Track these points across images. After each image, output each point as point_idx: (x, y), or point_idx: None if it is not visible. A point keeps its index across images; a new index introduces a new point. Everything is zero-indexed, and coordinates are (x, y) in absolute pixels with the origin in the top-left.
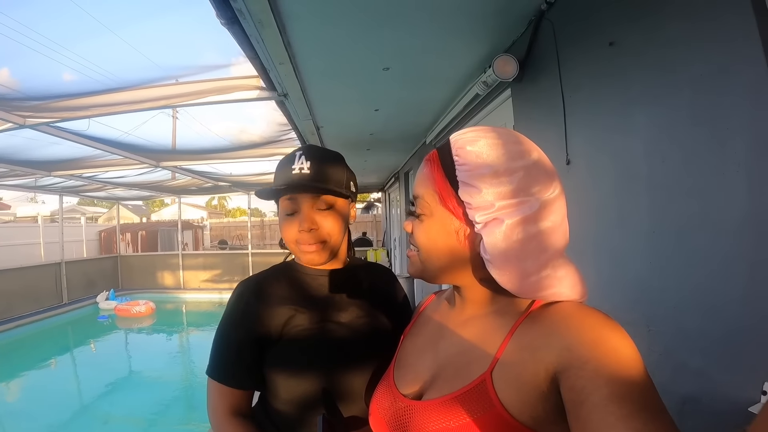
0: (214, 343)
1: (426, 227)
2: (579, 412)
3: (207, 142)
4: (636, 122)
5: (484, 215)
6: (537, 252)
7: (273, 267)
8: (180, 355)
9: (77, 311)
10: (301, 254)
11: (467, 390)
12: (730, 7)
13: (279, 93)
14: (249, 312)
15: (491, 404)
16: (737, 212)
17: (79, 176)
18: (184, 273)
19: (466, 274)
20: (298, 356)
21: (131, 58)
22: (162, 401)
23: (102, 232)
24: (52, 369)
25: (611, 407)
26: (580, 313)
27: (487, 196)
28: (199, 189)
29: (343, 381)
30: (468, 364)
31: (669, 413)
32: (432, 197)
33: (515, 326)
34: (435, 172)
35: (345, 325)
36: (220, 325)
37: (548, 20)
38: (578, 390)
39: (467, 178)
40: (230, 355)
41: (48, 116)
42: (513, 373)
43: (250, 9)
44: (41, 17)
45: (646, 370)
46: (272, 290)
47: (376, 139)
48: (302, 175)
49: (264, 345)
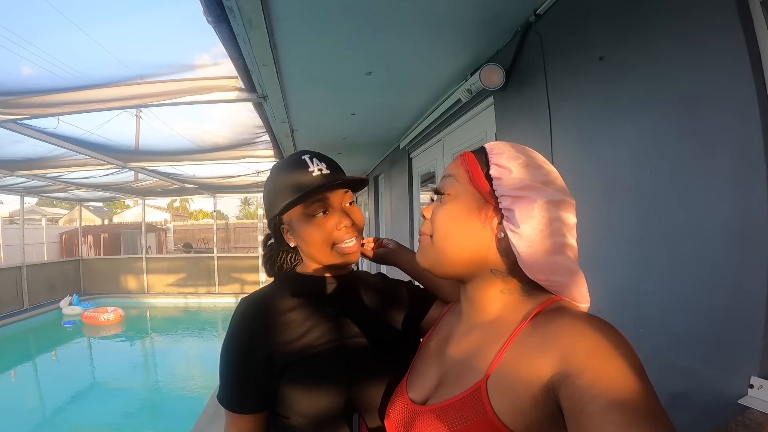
0: (222, 368)
1: (450, 207)
2: (578, 421)
3: (171, 143)
4: (624, 134)
5: (514, 191)
6: (559, 236)
7: (276, 280)
8: (146, 362)
9: (39, 317)
10: (337, 255)
11: (463, 397)
12: (720, 26)
13: (259, 95)
14: (256, 332)
15: (484, 411)
16: (724, 221)
17: (42, 176)
18: (148, 277)
19: (479, 263)
20: (319, 370)
21: (102, 56)
22: (129, 410)
23: (63, 235)
24: (15, 378)
25: (610, 416)
26: (579, 321)
27: (517, 176)
28: (164, 191)
29: (365, 390)
30: (467, 371)
31: (670, 420)
32: (462, 176)
33: (514, 334)
34: (467, 158)
35: (364, 332)
36: (225, 348)
37: (536, 32)
38: (577, 398)
39: (499, 159)
40: (240, 381)
41: (15, 112)
42: (508, 381)
43: (242, 7)
44: (5, 10)
45: (646, 377)
46: (281, 305)
47: (349, 143)
48: (324, 174)
49: (279, 364)
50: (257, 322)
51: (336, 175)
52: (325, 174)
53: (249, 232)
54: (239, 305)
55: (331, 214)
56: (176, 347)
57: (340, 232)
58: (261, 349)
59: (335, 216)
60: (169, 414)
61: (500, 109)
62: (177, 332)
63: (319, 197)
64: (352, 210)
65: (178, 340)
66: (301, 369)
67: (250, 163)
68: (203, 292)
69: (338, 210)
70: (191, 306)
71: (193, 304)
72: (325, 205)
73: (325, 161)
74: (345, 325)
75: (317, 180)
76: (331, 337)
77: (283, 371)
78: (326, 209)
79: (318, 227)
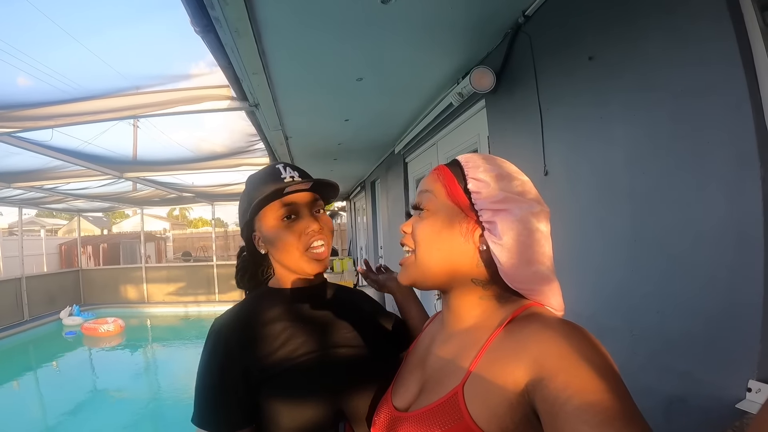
0: (197, 389)
1: (431, 222)
2: (554, 424)
3: (169, 152)
4: (616, 135)
5: (493, 204)
6: (539, 246)
7: (246, 297)
8: (146, 371)
9: (39, 328)
10: (307, 261)
11: (441, 403)
12: (710, 26)
13: (250, 103)
14: (231, 348)
15: (461, 416)
16: (717, 221)
17: (39, 188)
18: (147, 286)
19: (461, 274)
20: (301, 381)
21: (96, 67)
22: (129, 419)
23: (62, 245)
24: (16, 389)
25: (584, 416)
26: (551, 326)
27: (495, 188)
28: (162, 200)
29: (349, 400)
30: (446, 377)
31: (644, 420)
32: (440, 191)
33: (489, 340)
34: (443, 173)
35: (344, 342)
36: (201, 370)
37: (525, 33)
38: (551, 401)
39: (476, 173)
40: (217, 400)
41: (10, 126)
42: (483, 386)
43: (227, 17)
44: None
45: (620, 378)
46: (254, 320)
47: (345, 149)
48: (296, 181)
49: (258, 379)
50: (232, 339)
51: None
52: (297, 181)
53: None
54: (212, 326)
55: (300, 219)
56: (177, 356)
57: (308, 236)
58: (238, 365)
59: (304, 220)
60: (170, 423)
61: (492, 111)
62: (177, 341)
63: (288, 201)
64: (321, 216)
65: (178, 349)
66: (279, 382)
67: (247, 170)
68: (203, 300)
69: (307, 215)
70: (191, 314)
71: (193, 312)
72: (294, 209)
73: (298, 171)
74: (320, 335)
75: (287, 184)
76: (307, 349)
77: (262, 386)
78: (295, 213)
79: (287, 231)
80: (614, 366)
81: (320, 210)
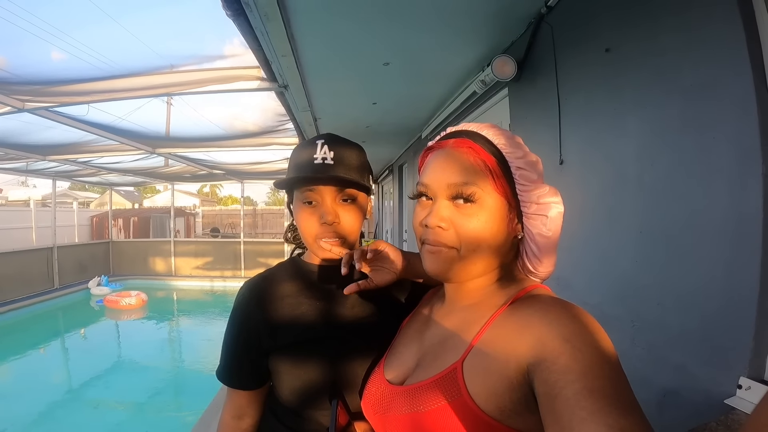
0: (223, 346)
1: (485, 220)
2: (552, 406)
3: (201, 129)
4: (628, 126)
5: (541, 198)
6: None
7: (278, 264)
8: (171, 342)
9: (69, 296)
10: (318, 250)
11: (439, 377)
12: (722, 23)
13: (279, 84)
14: (251, 312)
15: (459, 392)
16: (720, 216)
17: (73, 161)
18: (175, 260)
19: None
20: (303, 348)
21: (133, 46)
22: (152, 387)
23: (94, 218)
24: (43, 354)
25: (583, 402)
26: (557, 307)
27: (537, 180)
28: (192, 176)
29: (348, 370)
30: (445, 352)
31: (641, 409)
32: (486, 184)
33: (493, 317)
34: (490, 163)
35: (350, 316)
36: (226, 328)
37: (547, 23)
38: (551, 384)
39: (518, 162)
40: (233, 358)
41: (48, 101)
42: (484, 363)
43: (257, 2)
44: (41, 2)
45: (620, 366)
46: (276, 287)
47: (373, 131)
48: (325, 165)
49: (269, 343)
50: (253, 303)
51: (337, 168)
52: (327, 164)
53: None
54: (241, 288)
55: (316, 207)
56: (201, 329)
57: (323, 229)
58: (251, 328)
59: (319, 211)
60: (190, 391)
61: (514, 100)
62: (202, 314)
63: (308, 188)
64: (343, 209)
65: (203, 322)
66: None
67: (276, 150)
68: (229, 276)
69: (327, 205)
70: (217, 289)
71: (219, 287)
72: (315, 196)
73: (336, 150)
74: (336, 308)
75: (315, 167)
76: (320, 318)
77: (273, 349)
78: (316, 200)
79: (303, 216)
80: (615, 353)
81: (348, 199)
